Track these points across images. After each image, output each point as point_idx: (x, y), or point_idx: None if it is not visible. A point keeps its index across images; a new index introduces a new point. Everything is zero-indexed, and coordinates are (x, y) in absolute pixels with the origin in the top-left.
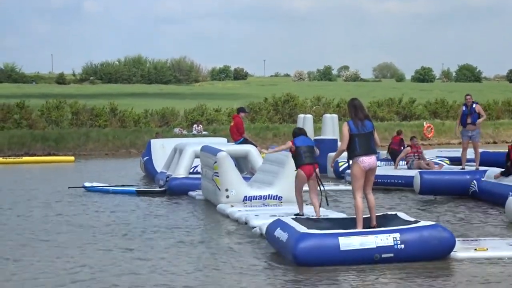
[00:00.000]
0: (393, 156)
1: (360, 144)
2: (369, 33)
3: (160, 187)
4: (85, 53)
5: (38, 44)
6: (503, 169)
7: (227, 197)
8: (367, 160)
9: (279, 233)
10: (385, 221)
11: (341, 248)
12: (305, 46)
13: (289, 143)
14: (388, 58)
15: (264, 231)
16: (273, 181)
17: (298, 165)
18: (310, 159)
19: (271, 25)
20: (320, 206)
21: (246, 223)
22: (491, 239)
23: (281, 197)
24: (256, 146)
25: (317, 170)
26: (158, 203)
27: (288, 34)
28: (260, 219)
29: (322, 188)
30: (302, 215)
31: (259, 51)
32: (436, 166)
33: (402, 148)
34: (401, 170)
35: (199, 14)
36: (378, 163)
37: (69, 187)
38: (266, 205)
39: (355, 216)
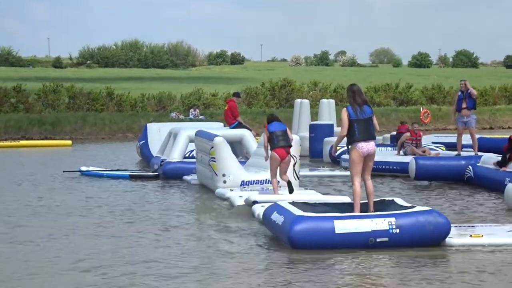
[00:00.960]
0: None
1: (359, 129)
2: (366, 18)
3: (153, 172)
4: (82, 37)
5: (35, 27)
6: (499, 160)
7: (225, 182)
8: (365, 146)
9: (275, 216)
10: (382, 206)
11: (336, 231)
12: (302, 31)
13: (265, 132)
14: (385, 43)
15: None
16: None
17: (272, 148)
18: (284, 142)
19: (268, 9)
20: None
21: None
22: (486, 225)
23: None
24: (251, 130)
25: (291, 154)
26: (151, 188)
27: (285, 19)
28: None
29: (295, 174)
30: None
31: (256, 35)
32: (432, 152)
33: None
34: (396, 156)
35: None
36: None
37: (64, 171)
38: (265, 189)
39: (352, 201)
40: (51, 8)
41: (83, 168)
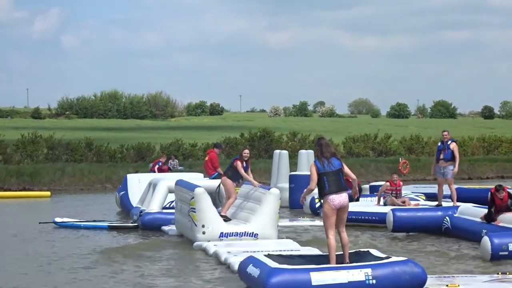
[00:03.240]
0: None
1: (329, 182)
2: (344, 69)
3: (133, 222)
4: (61, 87)
5: (14, 78)
6: (486, 214)
7: (203, 233)
8: (337, 198)
9: (251, 269)
10: (358, 257)
11: (313, 283)
12: (281, 81)
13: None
14: (363, 94)
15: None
16: (249, 218)
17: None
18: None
19: (247, 60)
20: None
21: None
22: (463, 276)
23: (257, 234)
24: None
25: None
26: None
27: (264, 70)
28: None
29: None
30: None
31: (235, 86)
32: (412, 202)
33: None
34: (374, 207)
35: (175, 49)
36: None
37: (39, 222)
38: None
39: (324, 253)
40: (29, 59)
41: (58, 220)
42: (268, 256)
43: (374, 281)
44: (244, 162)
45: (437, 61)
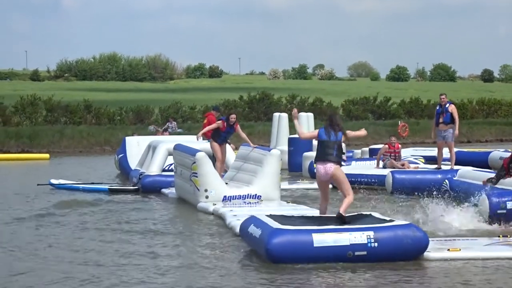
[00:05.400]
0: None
1: (322, 149)
2: (344, 32)
3: (133, 185)
4: (60, 50)
5: (13, 40)
6: (491, 177)
7: (207, 197)
8: (322, 168)
9: (252, 229)
10: (360, 220)
11: (315, 245)
12: (280, 44)
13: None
14: (363, 57)
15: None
16: (252, 180)
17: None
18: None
19: (247, 23)
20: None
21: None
22: (464, 239)
23: (260, 196)
24: (229, 143)
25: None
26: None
27: (263, 32)
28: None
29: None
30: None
31: (235, 49)
32: (411, 165)
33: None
34: (374, 169)
35: (175, 11)
36: (354, 162)
37: (38, 184)
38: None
39: (330, 215)
40: (28, 21)
41: (53, 181)
42: (270, 216)
43: (376, 244)
44: (229, 125)
45: (437, 24)
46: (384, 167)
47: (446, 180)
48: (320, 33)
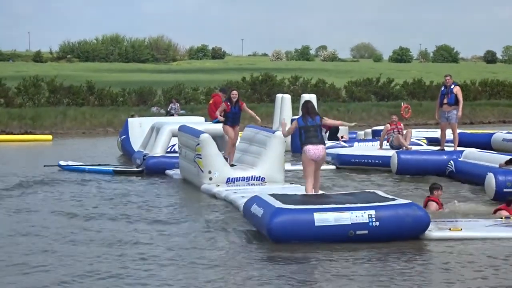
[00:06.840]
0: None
1: (306, 134)
2: (347, 13)
3: (137, 167)
4: (62, 31)
5: (15, 21)
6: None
7: (210, 179)
8: (312, 149)
9: (255, 208)
10: (363, 197)
11: (316, 224)
12: (283, 25)
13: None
14: (366, 38)
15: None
16: (256, 162)
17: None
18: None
19: (250, 4)
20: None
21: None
22: (466, 220)
23: (264, 178)
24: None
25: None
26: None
27: (266, 14)
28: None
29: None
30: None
31: (237, 30)
32: (414, 147)
33: None
34: (378, 150)
35: None
36: (356, 144)
37: (44, 166)
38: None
39: (330, 193)
40: (31, 2)
41: (62, 163)
42: (273, 195)
43: (377, 223)
44: (234, 104)
45: (440, 5)
46: (391, 146)
47: (451, 161)
48: (323, 14)
